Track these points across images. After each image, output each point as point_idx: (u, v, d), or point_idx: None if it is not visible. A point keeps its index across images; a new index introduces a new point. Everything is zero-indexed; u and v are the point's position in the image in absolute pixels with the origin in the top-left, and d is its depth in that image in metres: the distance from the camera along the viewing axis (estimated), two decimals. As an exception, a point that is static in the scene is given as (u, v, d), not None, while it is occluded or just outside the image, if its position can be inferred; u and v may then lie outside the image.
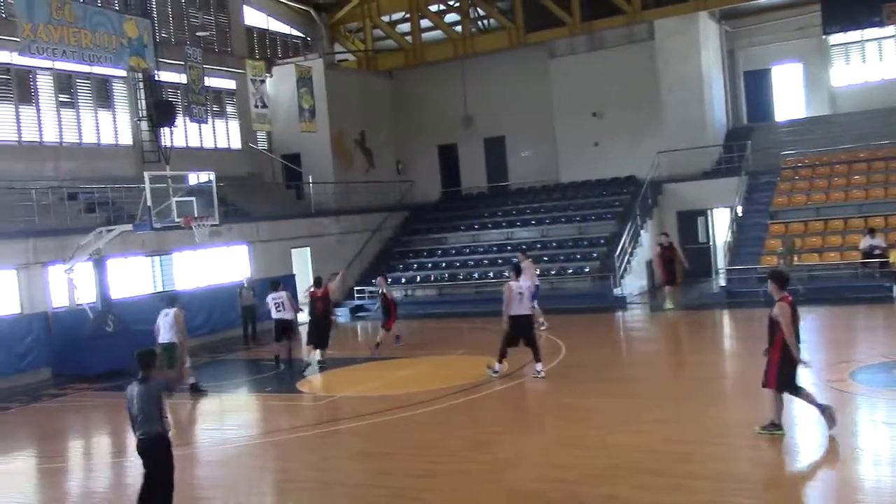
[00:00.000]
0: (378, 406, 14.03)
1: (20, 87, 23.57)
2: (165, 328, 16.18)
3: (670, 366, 16.70)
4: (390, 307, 19.87)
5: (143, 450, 8.50)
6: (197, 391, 16.36)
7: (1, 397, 18.14)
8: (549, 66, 32.29)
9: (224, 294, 24.31)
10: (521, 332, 15.17)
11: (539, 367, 15.13)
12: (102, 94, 25.93)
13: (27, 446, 14.43)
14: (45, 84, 24.21)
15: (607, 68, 31.10)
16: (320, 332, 18.42)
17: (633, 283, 26.53)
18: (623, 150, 30.83)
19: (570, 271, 26.75)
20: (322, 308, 18.33)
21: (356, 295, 28.98)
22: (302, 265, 28.17)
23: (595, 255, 27.24)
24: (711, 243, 29.27)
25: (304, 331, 20.44)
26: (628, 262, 26.46)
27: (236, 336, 23.65)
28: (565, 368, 16.28)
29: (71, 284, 20.39)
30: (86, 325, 19.97)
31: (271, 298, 18.75)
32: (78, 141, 25.09)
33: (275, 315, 18.68)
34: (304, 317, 20.27)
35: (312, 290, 18.56)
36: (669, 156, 29.30)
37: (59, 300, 20.69)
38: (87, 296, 20.51)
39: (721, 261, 27.42)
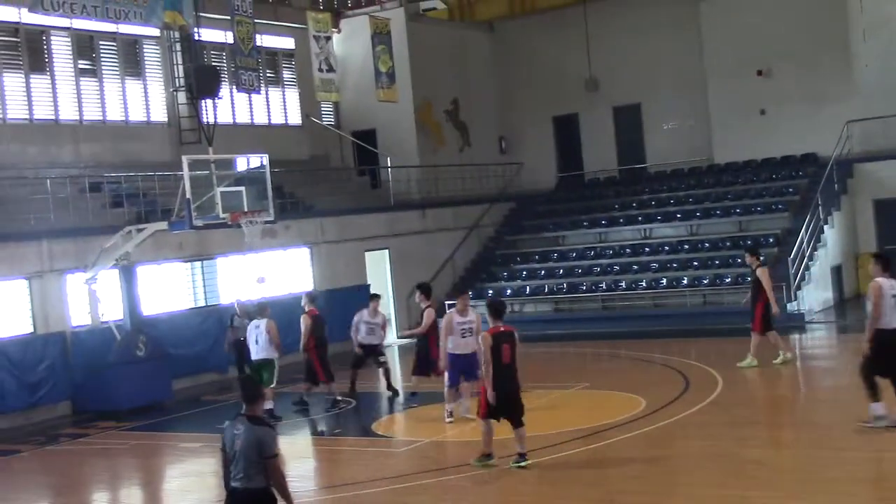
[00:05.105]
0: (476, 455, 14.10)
1: (31, 52, 24.61)
2: (261, 343, 17.90)
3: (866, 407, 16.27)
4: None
5: None
6: (273, 418, 17.13)
7: (10, 437, 18.99)
8: (699, 10, 31.90)
9: (282, 310, 24.80)
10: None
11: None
12: (131, 60, 26.85)
13: (41, 500, 15.06)
14: (61, 48, 25.23)
15: (777, 10, 30.53)
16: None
17: (813, 295, 25.96)
18: (799, 120, 30.21)
19: (728, 280, 26.33)
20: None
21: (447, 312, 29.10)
22: (379, 272, 28.51)
23: (762, 259, 26.67)
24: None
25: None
26: (807, 268, 25.92)
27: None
28: (722, 408, 16.07)
29: (94, 297, 21.17)
30: (112, 348, 20.68)
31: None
32: (101, 118, 26.06)
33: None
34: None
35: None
36: (864, 126, 28.61)
37: (79, 317, 21.48)
38: (112, 311, 21.24)
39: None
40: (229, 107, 28.86)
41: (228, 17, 26.58)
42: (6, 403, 19.74)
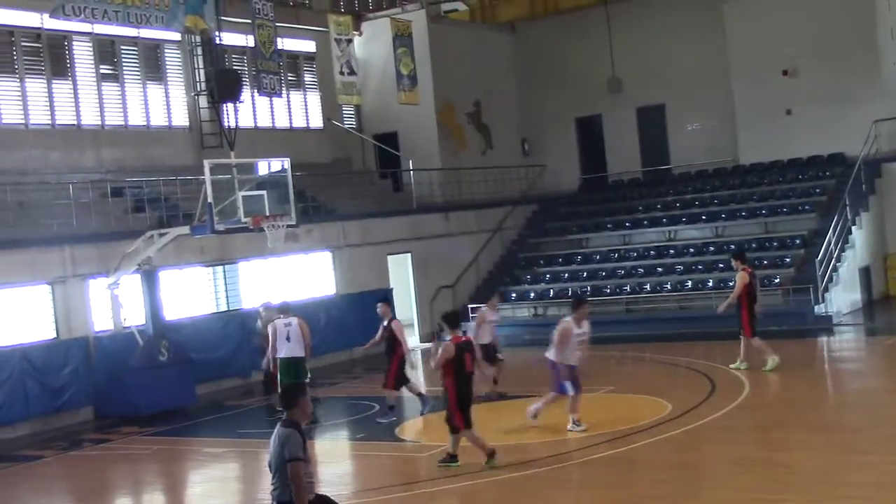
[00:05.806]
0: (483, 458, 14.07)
1: (53, 57, 24.73)
2: (293, 340, 17.69)
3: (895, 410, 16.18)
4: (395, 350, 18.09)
5: None
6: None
7: (34, 443, 19.14)
8: (722, 10, 31.77)
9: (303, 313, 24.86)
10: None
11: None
12: (152, 64, 26.96)
13: (65, 504, 15.15)
14: (82, 53, 25.34)
15: (802, 9, 30.36)
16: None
17: (841, 297, 25.78)
18: (825, 120, 30.01)
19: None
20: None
21: (470, 316, 29.09)
22: (401, 276, 28.53)
23: (788, 260, 26.60)
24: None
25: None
26: (835, 269, 25.75)
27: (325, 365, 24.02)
28: (750, 411, 15.99)
29: (116, 302, 21.27)
30: (134, 352, 20.76)
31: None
32: (123, 123, 26.15)
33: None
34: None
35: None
36: (892, 125, 28.43)
37: (101, 322, 21.59)
38: (135, 316, 21.32)
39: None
40: (251, 110, 28.93)
41: (249, 21, 26.70)
42: (29, 408, 19.85)
